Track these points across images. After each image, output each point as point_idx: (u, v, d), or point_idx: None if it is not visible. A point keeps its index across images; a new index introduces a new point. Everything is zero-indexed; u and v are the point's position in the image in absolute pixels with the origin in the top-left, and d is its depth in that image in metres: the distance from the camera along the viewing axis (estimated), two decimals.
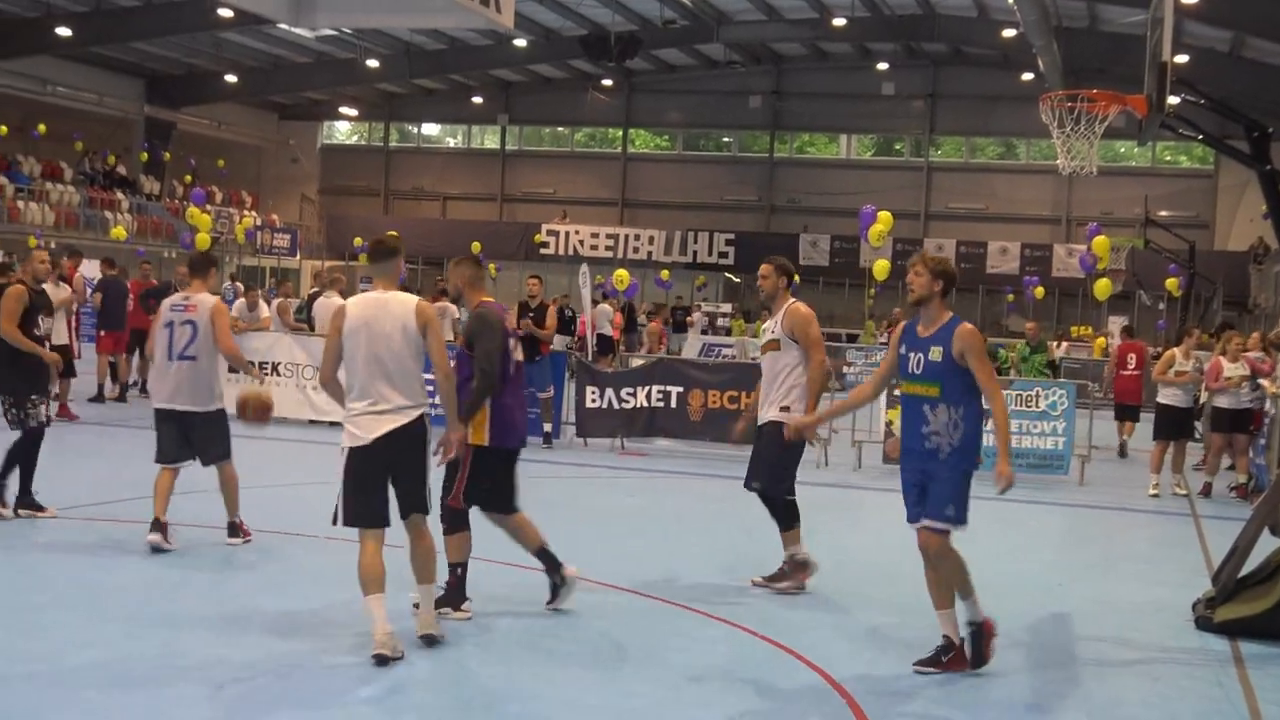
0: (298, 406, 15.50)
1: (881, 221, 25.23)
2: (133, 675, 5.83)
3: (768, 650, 6.76)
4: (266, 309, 17.35)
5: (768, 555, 8.18)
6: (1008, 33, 32.37)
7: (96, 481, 10.82)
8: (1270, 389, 13.23)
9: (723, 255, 41.38)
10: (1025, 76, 36.19)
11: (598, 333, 22.93)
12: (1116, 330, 23.58)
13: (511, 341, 7.07)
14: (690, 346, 29.36)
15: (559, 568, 7.20)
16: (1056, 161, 10.21)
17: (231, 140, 46.07)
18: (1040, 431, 13.86)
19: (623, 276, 30.47)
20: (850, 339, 31.34)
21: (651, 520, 10.81)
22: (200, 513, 8.87)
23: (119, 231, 35.28)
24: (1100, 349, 28.33)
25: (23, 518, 9.05)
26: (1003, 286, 38.75)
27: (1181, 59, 26.03)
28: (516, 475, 7.20)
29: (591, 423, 15.00)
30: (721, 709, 5.80)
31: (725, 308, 38.22)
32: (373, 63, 40.07)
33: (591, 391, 14.92)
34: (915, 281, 6.45)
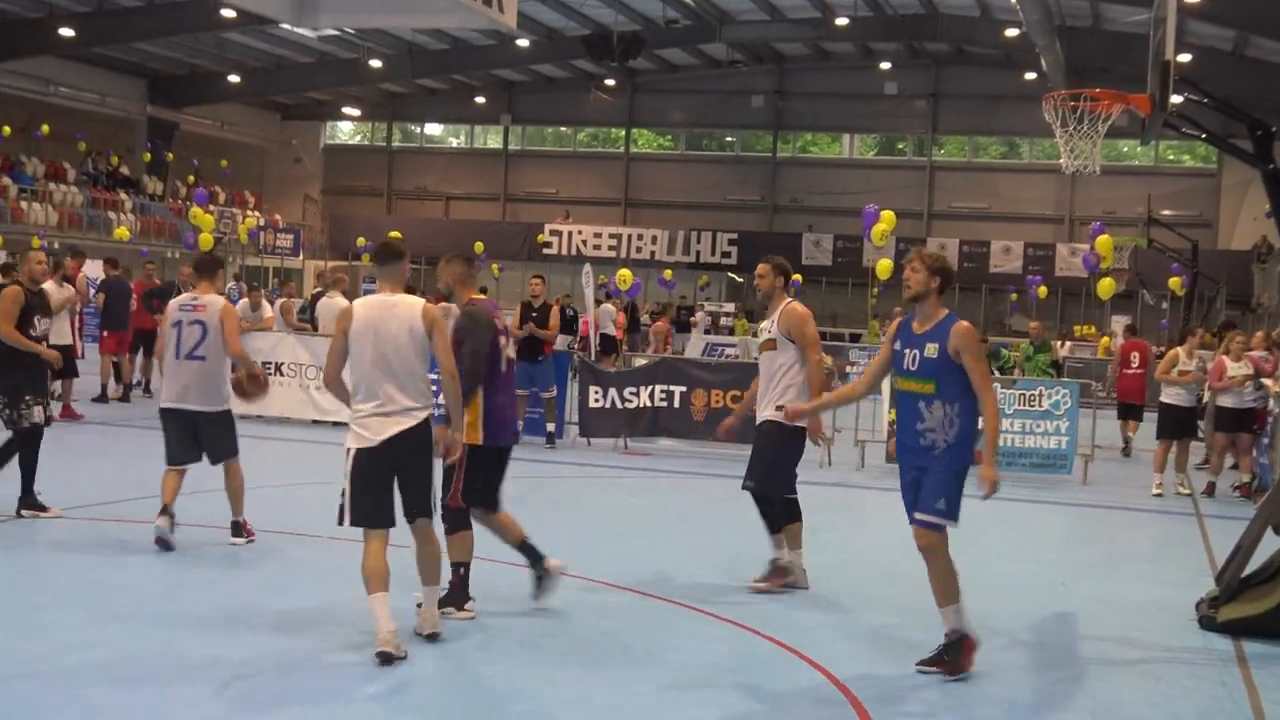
0: (301, 406, 15.51)
1: (884, 221, 25.25)
2: (136, 674, 5.83)
3: (771, 650, 6.76)
4: (270, 309, 17.37)
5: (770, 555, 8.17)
6: (1010, 32, 32.35)
7: (100, 481, 10.85)
8: (1274, 388, 13.21)
9: (725, 255, 41.43)
10: (1028, 76, 36.17)
11: (601, 332, 22.93)
12: (1120, 329, 23.57)
13: (503, 339, 7.05)
14: (693, 346, 29.35)
15: (541, 560, 7.20)
16: (1059, 161, 10.22)
17: (234, 140, 46.09)
18: (1043, 431, 13.86)
19: (626, 276, 30.51)
20: (853, 339, 31.36)
21: (654, 520, 10.83)
22: (204, 513, 8.89)
23: (122, 232, 35.28)
24: (1105, 349, 28.32)
25: (26, 518, 9.06)
26: (1006, 286, 38.74)
27: (1184, 58, 26.04)
28: (506, 473, 7.20)
29: (595, 422, 15.00)
30: (724, 709, 5.81)
31: (728, 307, 38.24)
32: (375, 63, 40.09)
33: (595, 391, 14.92)
34: (912, 278, 6.44)
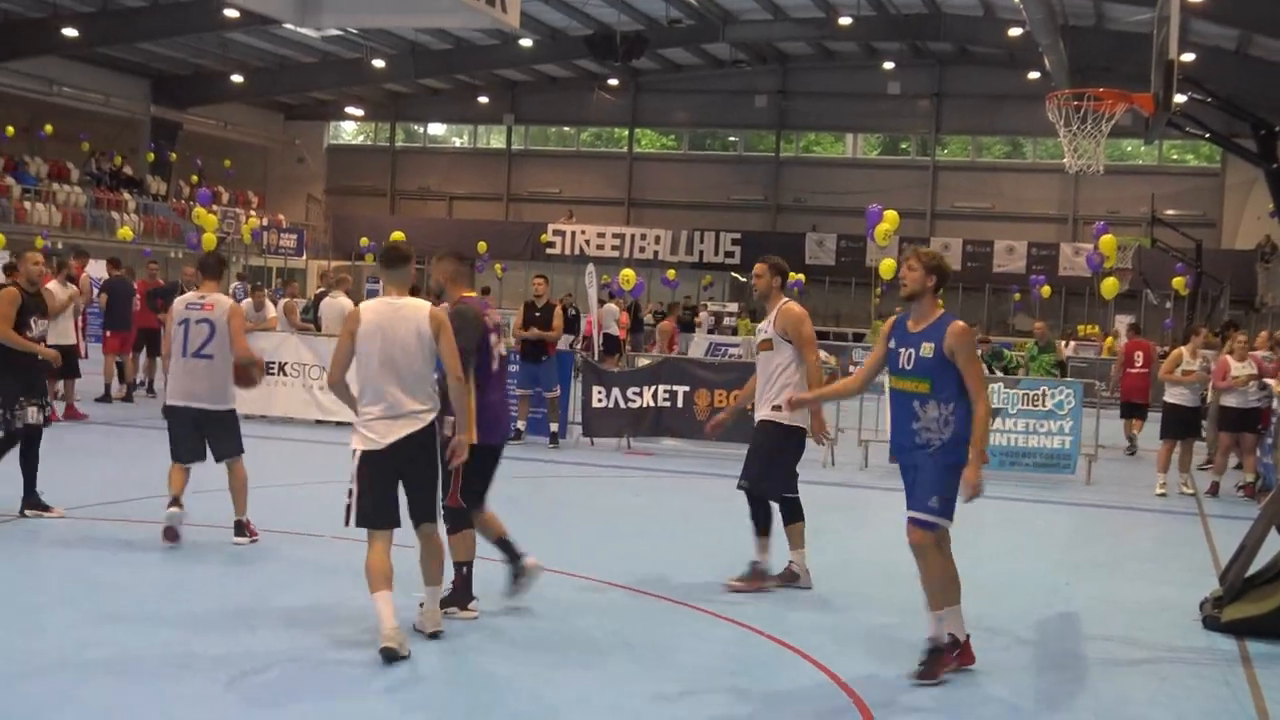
0: (304, 406, 15.51)
1: (888, 221, 25.19)
2: (140, 673, 5.84)
3: (774, 650, 6.76)
4: (273, 309, 17.37)
5: (774, 555, 8.16)
6: (1014, 31, 32.29)
7: (104, 481, 10.86)
8: (1277, 388, 13.20)
9: (729, 255, 41.40)
10: (1031, 75, 36.11)
11: (604, 332, 22.93)
12: (1123, 329, 23.54)
13: (493, 337, 7.03)
14: (697, 346, 29.34)
15: (519, 558, 7.20)
16: (1063, 160, 10.21)
17: (238, 140, 46.09)
18: (1047, 430, 13.84)
19: (629, 276, 30.49)
20: (857, 338, 31.34)
21: (657, 520, 10.83)
22: (208, 513, 8.89)
23: (125, 232, 35.30)
24: (1109, 349, 28.27)
25: (30, 518, 9.07)
26: (1009, 286, 38.68)
27: (1188, 57, 26.00)
28: (495, 471, 7.19)
29: (598, 422, 15.00)
30: (726, 708, 5.81)
31: (731, 307, 38.21)
32: (378, 63, 40.07)
33: (598, 391, 14.92)
34: (908, 276, 6.41)
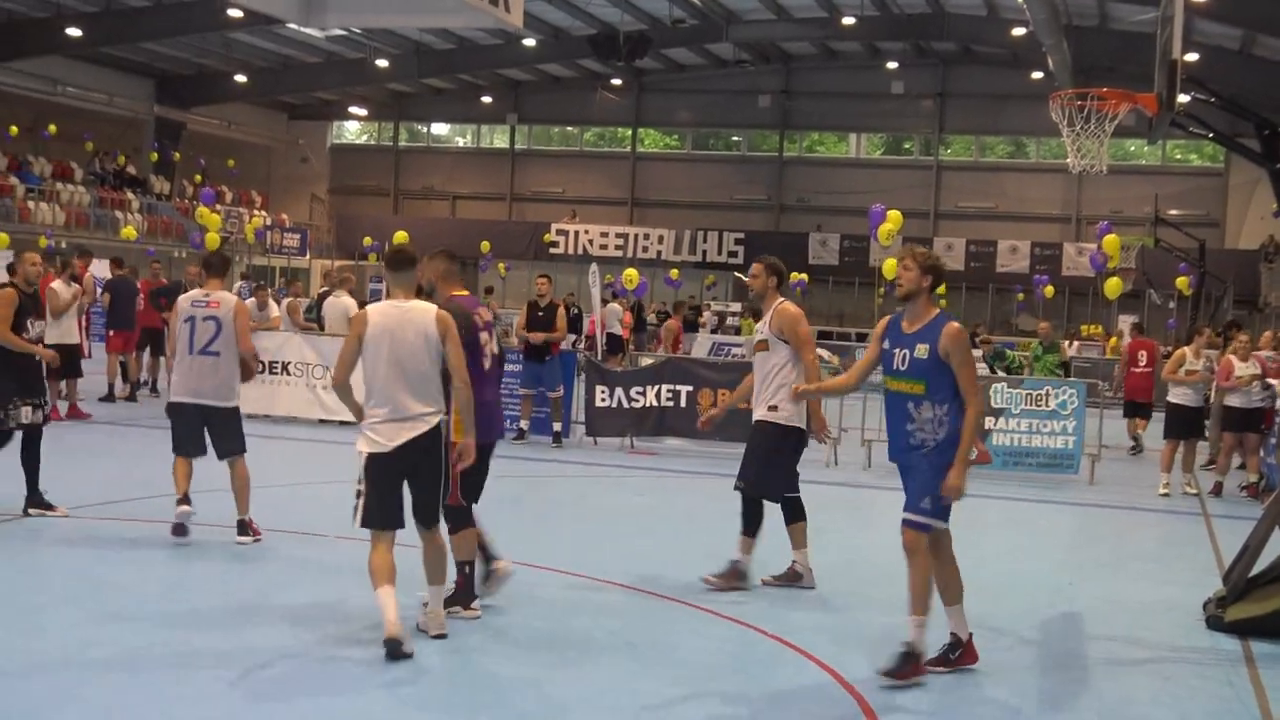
0: (307, 406, 15.52)
1: (891, 220, 25.16)
2: (142, 671, 5.85)
3: (777, 649, 6.76)
4: (276, 308, 17.37)
5: (775, 555, 8.17)
6: (1017, 31, 32.30)
7: (107, 480, 10.87)
8: None
9: (732, 254, 41.43)
10: (1035, 75, 36.09)
11: (607, 332, 22.93)
12: (1127, 329, 23.52)
13: (484, 336, 7.02)
14: (700, 346, 29.34)
15: (492, 560, 7.21)
16: (1066, 160, 10.20)
17: (241, 140, 46.15)
18: (1050, 430, 13.82)
19: (632, 276, 30.48)
20: (860, 338, 31.28)
21: (661, 519, 10.83)
22: (210, 512, 8.88)
23: (129, 231, 35.36)
24: (1112, 348, 28.23)
25: (34, 517, 9.08)
26: (1012, 285, 38.71)
27: (1191, 57, 26.00)
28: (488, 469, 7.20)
29: (601, 422, 15.00)
30: (729, 708, 5.81)
31: (735, 307, 38.19)
32: (382, 62, 40.12)
33: (601, 391, 14.92)
34: (904, 276, 6.39)
